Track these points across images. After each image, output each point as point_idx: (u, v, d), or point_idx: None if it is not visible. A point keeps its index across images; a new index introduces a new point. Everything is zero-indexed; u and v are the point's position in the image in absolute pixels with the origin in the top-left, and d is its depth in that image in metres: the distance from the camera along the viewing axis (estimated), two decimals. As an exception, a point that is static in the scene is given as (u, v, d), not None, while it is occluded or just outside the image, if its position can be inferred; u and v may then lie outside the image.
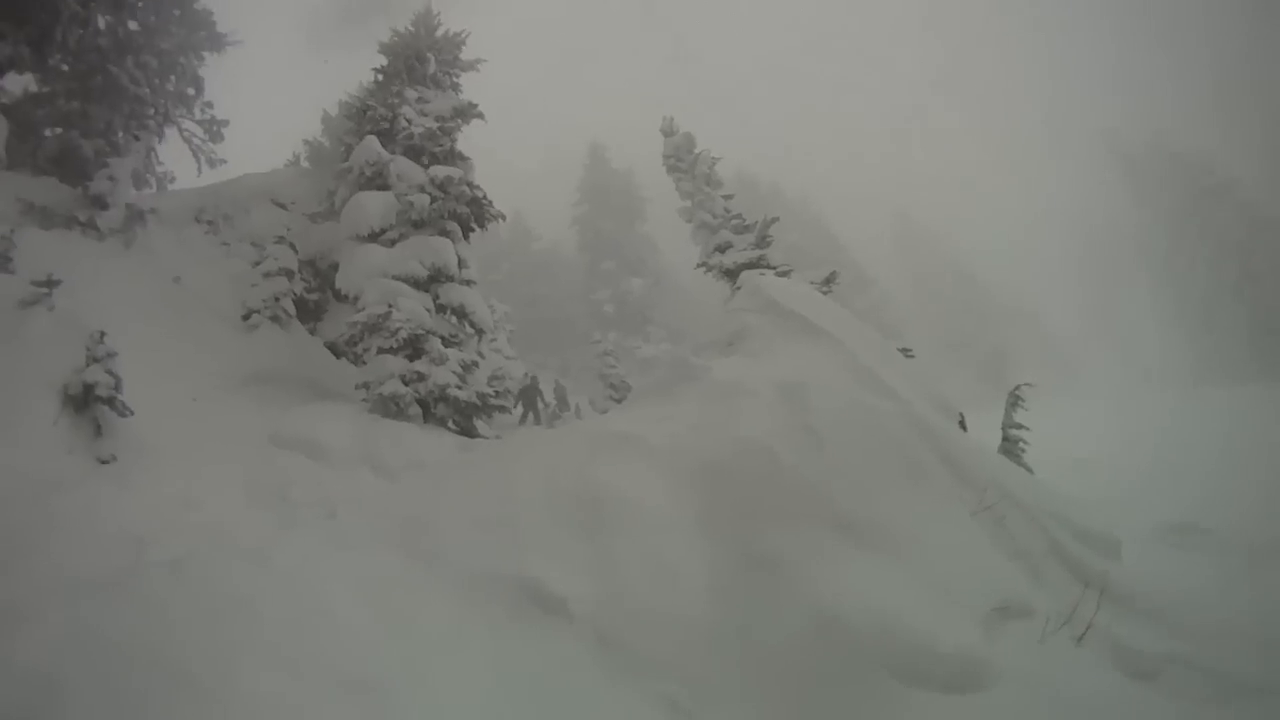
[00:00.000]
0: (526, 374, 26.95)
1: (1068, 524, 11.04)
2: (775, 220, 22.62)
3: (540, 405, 27.06)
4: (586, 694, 7.97)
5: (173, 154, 28.67)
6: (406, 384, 17.47)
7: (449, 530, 9.76)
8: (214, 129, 28.48)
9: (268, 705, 6.94)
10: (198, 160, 28.96)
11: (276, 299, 20.82)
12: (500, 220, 21.11)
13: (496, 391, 18.79)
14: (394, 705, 7.37)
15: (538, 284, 57.38)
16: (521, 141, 68.24)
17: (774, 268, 20.84)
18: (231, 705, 6.85)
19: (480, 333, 19.69)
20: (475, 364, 18.72)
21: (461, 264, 19.61)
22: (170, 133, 27.88)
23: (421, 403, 17.66)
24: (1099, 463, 22.05)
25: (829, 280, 19.53)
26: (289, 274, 21.35)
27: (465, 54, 23.31)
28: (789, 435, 10.28)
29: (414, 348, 17.98)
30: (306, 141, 28.66)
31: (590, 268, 56.27)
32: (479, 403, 18.03)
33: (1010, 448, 15.33)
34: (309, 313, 22.79)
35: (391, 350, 17.86)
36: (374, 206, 19.39)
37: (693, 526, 9.48)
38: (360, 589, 8.53)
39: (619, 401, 27.01)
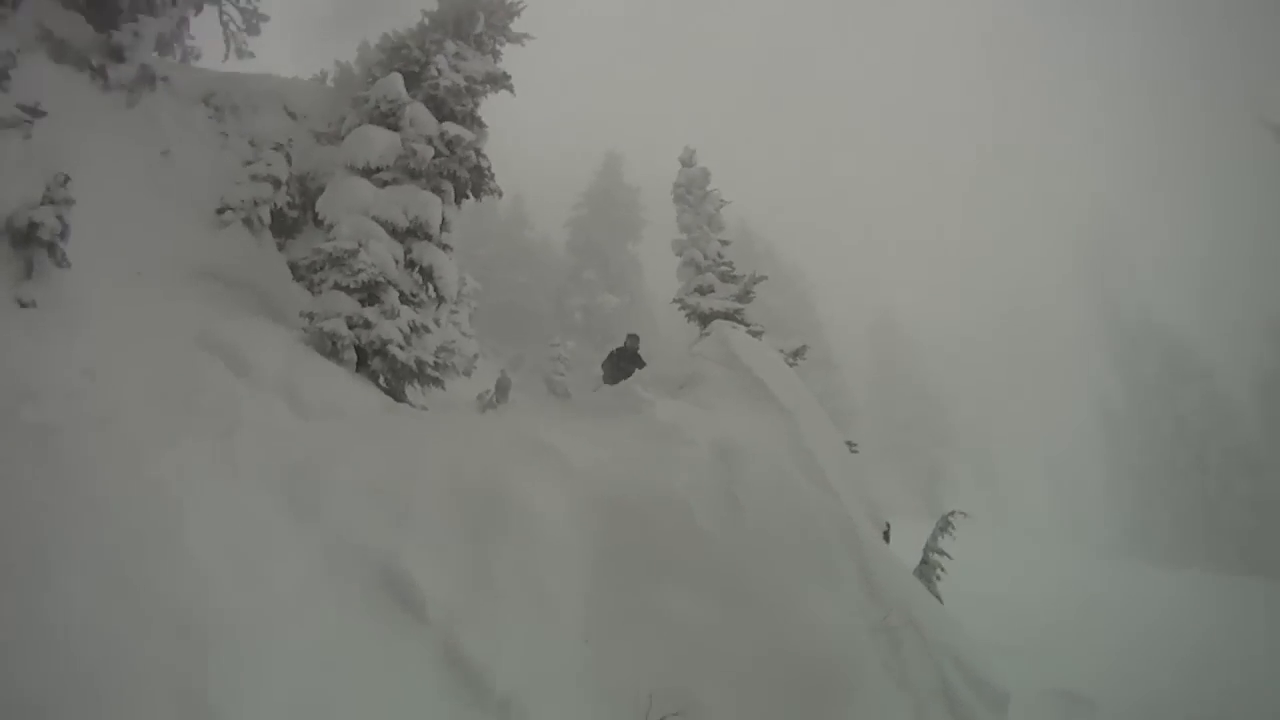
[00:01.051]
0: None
1: (962, 666, 10.69)
2: (763, 279, 22.42)
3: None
4: (411, 706, 7.50)
5: (206, 32, 28.31)
6: (351, 327, 17.01)
7: (338, 490, 9.26)
8: (252, 21, 28.12)
9: (79, 622, 6.46)
10: (228, 46, 28.54)
11: (256, 203, 20.29)
12: (497, 196, 20.78)
13: (437, 363, 18.28)
14: (216, 658, 6.87)
15: (518, 271, 57.01)
16: (544, 128, 67.91)
17: (748, 325, 20.58)
18: (36, 613, 6.36)
19: (441, 299, 19.25)
20: (426, 329, 18.29)
21: (444, 226, 19.21)
22: (210, 11, 27.50)
23: (360, 351, 17.20)
24: (1008, 608, 21.89)
25: (798, 353, 19.27)
26: (276, 183, 20.81)
27: (515, 26, 23.03)
28: (712, 497, 9.90)
29: (370, 294, 17.53)
30: (337, 62, 28.17)
31: (572, 272, 55.90)
32: (415, 368, 17.59)
33: (927, 571, 15.03)
34: (284, 228, 22.24)
35: (347, 289, 17.40)
36: (378, 142, 19.02)
37: (588, 561, 9.04)
38: (222, 524, 8.02)
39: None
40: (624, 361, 21.10)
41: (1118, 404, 55.44)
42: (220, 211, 19.96)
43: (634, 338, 22.06)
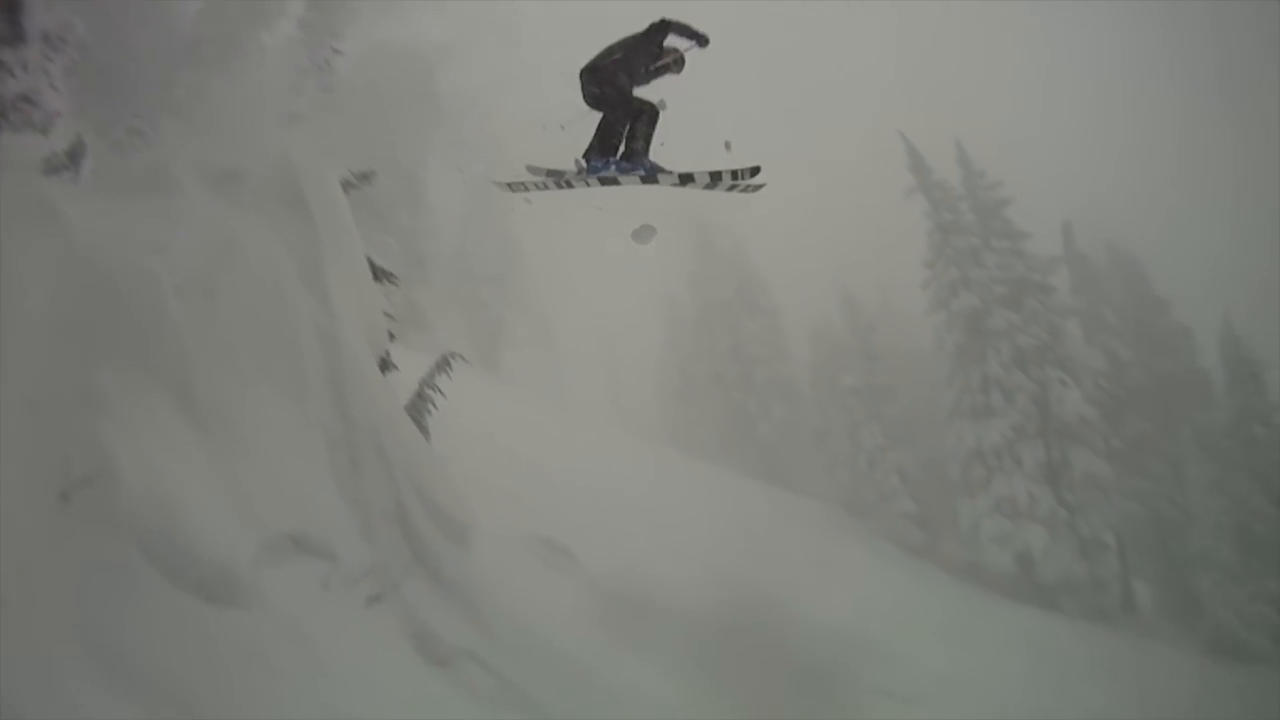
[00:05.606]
0: None
1: (424, 495, 11.30)
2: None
3: None
4: None
5: None
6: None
7: None
8: None
9: None
10: None
11: None
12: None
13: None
14: None
15: (141, 33, 51.95)
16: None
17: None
18: None
19: (22, 40, 17.73)
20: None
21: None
22: None
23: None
24: (521, 461, 22.88)
25: (365, 177, 18.67)
26: None
27: None
28: (190, 286, 9.78)
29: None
30: None
31: (193, 44, 51.60)
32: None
33: (419, 405, 15.38)
34: None
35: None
36: None
37: (52, 329, 8.74)
38: None
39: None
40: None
41: (686, 311, 57.53)
42: None
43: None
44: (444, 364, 15.88)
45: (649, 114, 10.90)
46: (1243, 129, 66.43)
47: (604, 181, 11.10)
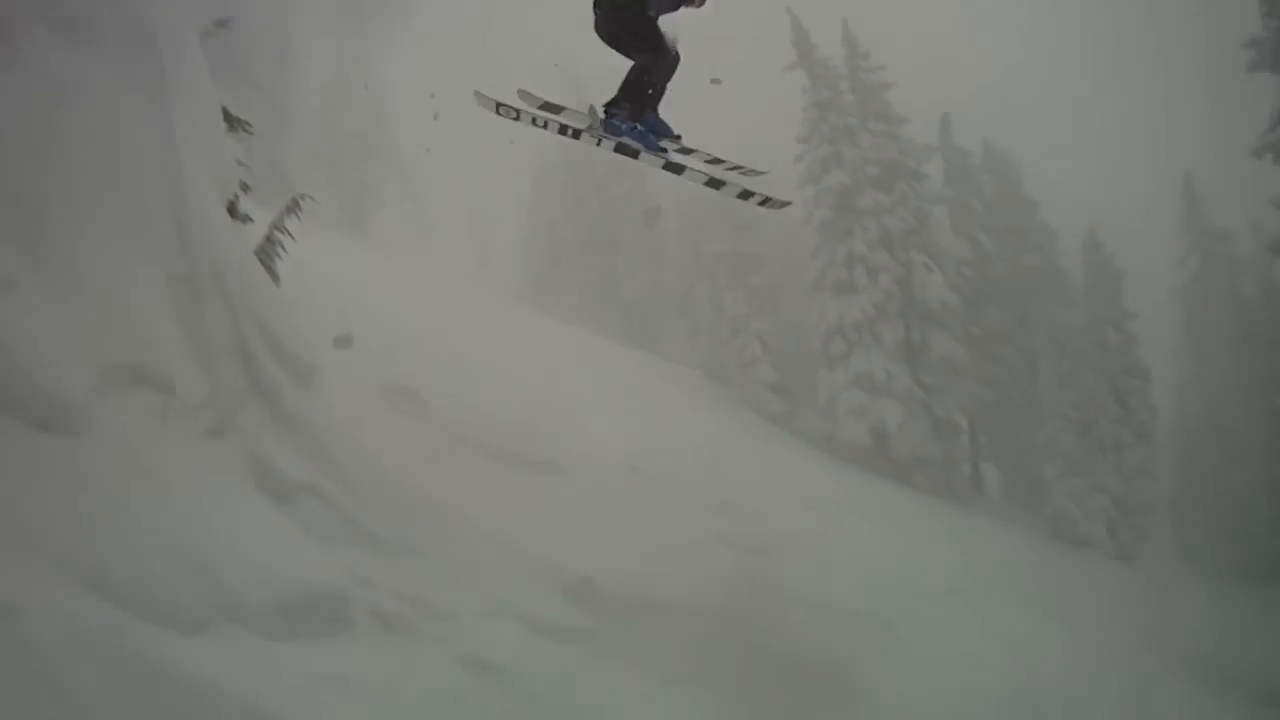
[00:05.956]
0: None
1: (268, 334, 11.35)
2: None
3: None
4: None
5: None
6: None
7: None
8: None
9: None
10: None
11: None
12: None
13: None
14: None
15: None
16: None
17: None
18: None
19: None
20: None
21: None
22: None
23: None
24: (367, 308, 22.92)
25: (222, 23, 17.88)
26: None
27: None
28: (30, 128, 9.31)
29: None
30: None
31: None
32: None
33: (268, 249, 15.11)
34: None
35: None
36: None
37: None
38: None
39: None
40: None
41: (556, 170, 56.00)
42: None
43: None
44: (294, 205, 15.50)
45: (669, 62, 8.98)
46: (1132, 46, 67.81)
47: (620, 150, 9.29)
